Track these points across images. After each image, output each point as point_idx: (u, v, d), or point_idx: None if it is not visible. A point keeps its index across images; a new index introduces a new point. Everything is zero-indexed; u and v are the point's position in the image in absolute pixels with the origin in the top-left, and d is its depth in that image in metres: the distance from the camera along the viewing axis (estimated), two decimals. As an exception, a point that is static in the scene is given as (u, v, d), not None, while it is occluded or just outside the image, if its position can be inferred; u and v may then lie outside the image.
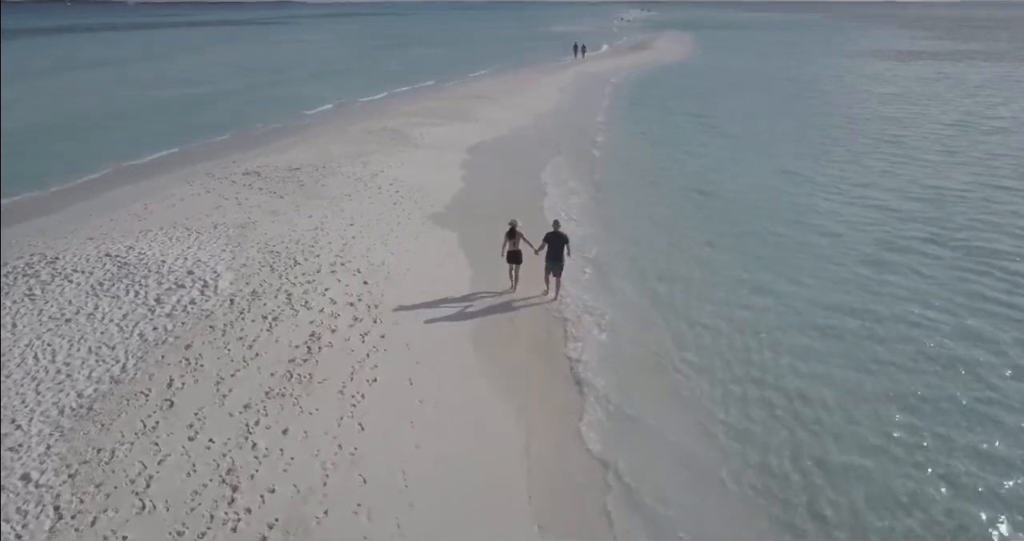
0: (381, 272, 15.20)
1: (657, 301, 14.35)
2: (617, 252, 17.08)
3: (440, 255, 16.51)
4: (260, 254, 15.82)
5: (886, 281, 15.09)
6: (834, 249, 16.93)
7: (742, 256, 16.63)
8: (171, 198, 20.28)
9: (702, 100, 41.53)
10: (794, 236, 17.85)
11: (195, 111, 38.15)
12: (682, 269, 15.96)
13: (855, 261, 16.16)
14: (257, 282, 14.31)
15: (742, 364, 11.93)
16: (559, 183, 22.81)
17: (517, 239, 14.10)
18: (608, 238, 18.04)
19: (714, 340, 12.76)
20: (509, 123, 32.95)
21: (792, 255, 16.60)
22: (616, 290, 14.93)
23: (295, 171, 23.11)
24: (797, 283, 15.02)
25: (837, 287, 14.81)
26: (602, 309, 13.93)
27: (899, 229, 18.30)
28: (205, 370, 11.14)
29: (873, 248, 16.99)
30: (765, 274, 15.54)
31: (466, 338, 12.71)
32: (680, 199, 21.36)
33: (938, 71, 56.42)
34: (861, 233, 18.02)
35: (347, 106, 40.49)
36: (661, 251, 17.08)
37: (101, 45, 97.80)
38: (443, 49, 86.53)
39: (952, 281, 15.09)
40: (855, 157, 26.14)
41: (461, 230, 18.17)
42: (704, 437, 10.11)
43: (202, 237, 16.78)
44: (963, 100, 40.90)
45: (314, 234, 17.26)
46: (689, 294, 14.67)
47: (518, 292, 14.54)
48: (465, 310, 13.86)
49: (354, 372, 11.30)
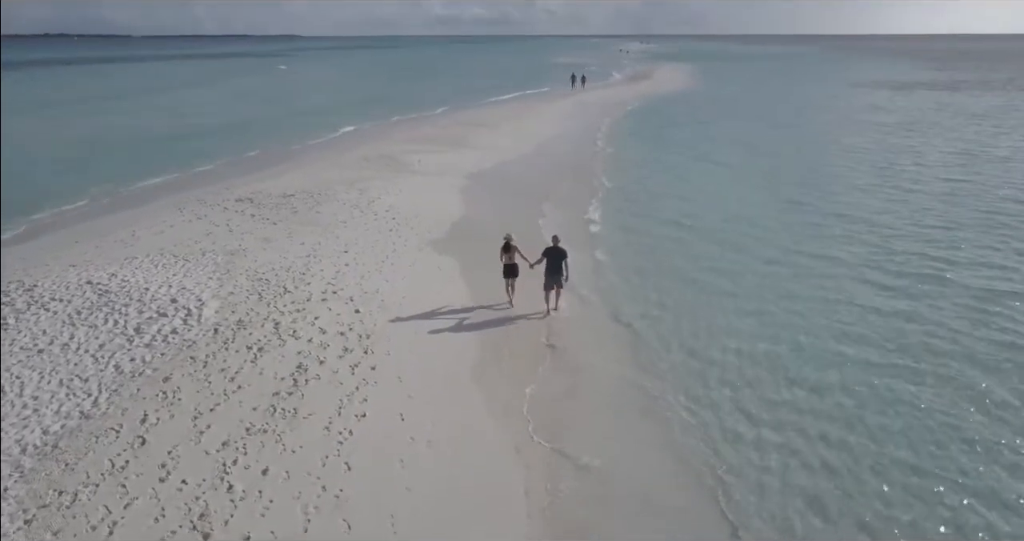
0: (374, 300, 14.55)
1: (657, 329, 13.69)
2: (616, 280, 16.46)
3: (436, 282, 15.89)
4: (249, 282, 15.18)
5: (888, 313, 14.38)
6: (838, 282, 16.07)
7: (736, 284, 16.00)
8: (160, 225, 19.70)
9: (701, 130, 41.21)
10: (796, 267, 17.07)
11: (192, 140, 37.78)
12: (676, 297, 15.34)
13: (860, 293, 15.39)
14: (244, 311, 13.64)
15: (740, 391, 11.25)
16: (559, 210, 22.26)
17: (512, 253, 14.35)
18: (609, 265, 17.44)
19: (718, 375, 12.09)
20: (507, 151, 32.57)
21: (798, 287, 15.78)
22: (615, 317, 14.30)
23: (289, 198, 22.60)
24: (801, 315, 14.27)
25: (841, 324, 13.95)
26: (601, 338, 13.28)
27: (902, 260, 17.49)
28: (182, 404, 10.42)
29: (876, 277, 16.28)
30: (760, 302, 14.96)
31: (462, 369, 12.02)
32: (676, 229, 20.43)
33: (937, 101, 56.41)
34: (865, 265, 17.17)
35: (344, 134, 40.16)
36: (660, 279, 16.40)
37: (106, 77, 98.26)
38: (442, 80, 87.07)
39: (960, 317, 14.18)
40: (857, 187, 25.46)
41: (459, 256, 17.59)
42: (703, 462, 9.41)
43: (189, 264, 16.16)
44: (964, 129, 40.57)
45: (306, 261, 16.65)
46: (688, 323, 14.03)
47: (516, 308, 14.57)
48: (462, 338, 13.21)
49: (342, 406, 10.58)
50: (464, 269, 16.75)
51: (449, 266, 16.98)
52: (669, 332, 13.57)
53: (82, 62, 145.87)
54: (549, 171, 28.37)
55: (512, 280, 14.54)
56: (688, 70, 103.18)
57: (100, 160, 31.91)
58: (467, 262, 17.13)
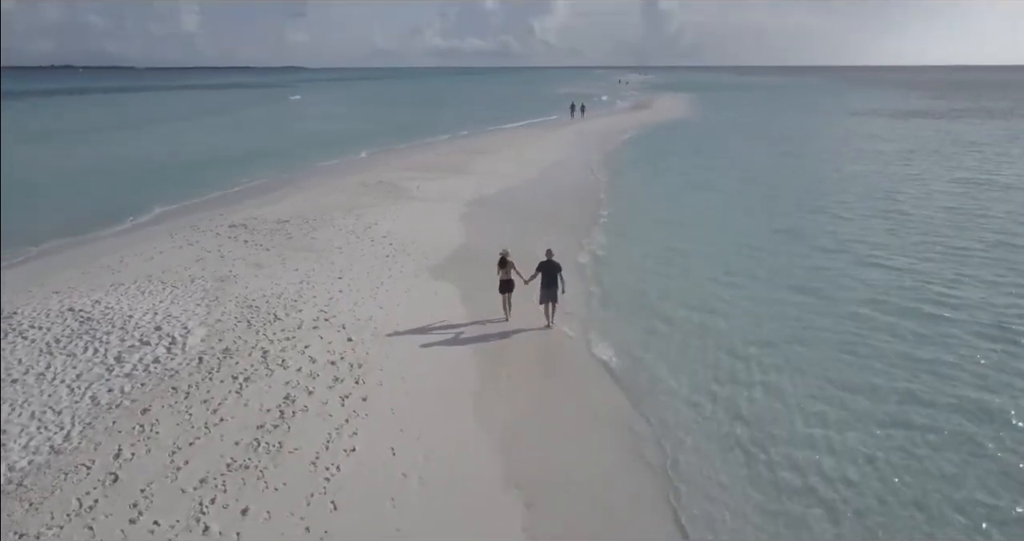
0: (368, 327, 13.99)
1: (651, 361, 13.09)
2: (613, 308, 15.87)
3: (432, 307, 15.33)
4: (238, 309, 14.64)
5: (890, 345, 13.73)
6: (837, 315, 15.21)
7: (731, 315, 15.31)
8: (150, 251, 19.21)
9: (700, 157, 40.88)
10: (799, 298, 16.35)
11: (189, 168, 37.49)
12: (673, 327, 14.69)
13: (862, 327, 14.57)
14: (231, 339, 13.07)
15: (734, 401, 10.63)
16: (558, 236, 21.68)
17: (508, 268, 14.50)
18: (604, 294, 16.89)
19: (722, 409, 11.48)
20: (508, 178, 32.22)
21: (796, 317, 15.14)
22: (610, 345, 13.72)
23: (284, 223, 22.16)
24: (798, 345, 13.65)
25: (843, 365, 13.08)
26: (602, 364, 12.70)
27: (903, 291, 16.64)
28: (160, 438, 9.80)
29: (877, 309, 15.50)
30: (756, 331, 14.39)
31: (458, 400, 11.40)
32: (675, 256, 19.90)
33: (937, 129, 56.38)
34: (865, 296, 16.39)
35: (344, 161, 39.87)
36: (656, 309, 15.73)
37: (111, 107, 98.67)
38: (443, 109, 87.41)
39: (967, 352, 13.37)
40: (857, 215, 24.78)
41: (456, 281, 17.09)
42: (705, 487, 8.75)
43: (177, 291, 15.62)
44: (965, 157, 40.28)
45: (298, 288, 16.12)
46: (683, 355, 13.45)
47: (512, 323, 14.60)
48: (457, 365, 12.62)
49: (330, 440, 9.96)
50: (462, 294, 16.26)
51: (446, 292, 16.46)
52: (664, 365, 12.91)
53: (88, 92, 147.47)
54: (549, 198, 27.97)
55: (508, 295, 14.68)
56: (686, 99, 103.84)
57: (99, 189, 31.54)
58: (465, 287, 16.65)
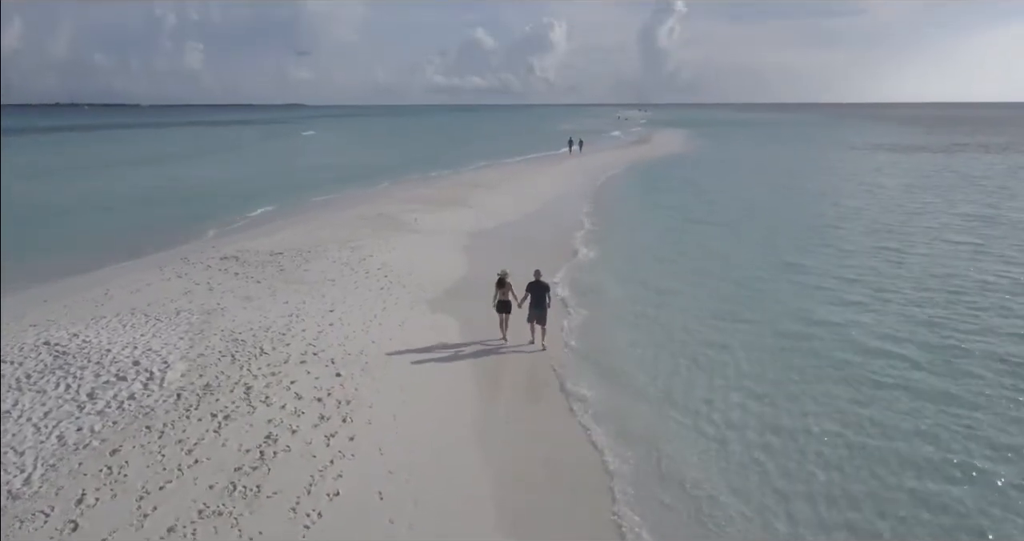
0: (358, 362, 13.31)
1: (648, 399, 12.40)
2: (610, 345, 15.20)
3: (426, 341, 14.67)
4: (223, 342, 13.98)
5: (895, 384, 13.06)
6: (839, 354, 14.35)
7: (728, 355, 14.42)
8: (137, 283, 18.61)
9: (700, 192, 40.25)
10: (802, 335, 15.57)
11: (187, 202, 37.19)
12: (669, 362, 13.97)
13: (867, 367, 13.87)
14: (213, 374, 12.39)
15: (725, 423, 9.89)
16: (554, 271, 21.10)
17: (506, 289, 14.70)
18: (602, 329, 16.26)
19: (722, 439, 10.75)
20: (505, 211, 31.83)
21: (798, 356, 14.32)
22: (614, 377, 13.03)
23: (277, 255, 21.61)
24: (797, 386, 12.87)
25: (846, 408, 12.31)
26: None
27: (909, 328, 15.82)
28: (128, 481, 9.06)
29: (882, 347, 14.77)
30: (758, 366, 13.70)
31: (452, 439, 10.68)
32: (675, 289, 19.25)
33: (936, 163, 56.24)
34: (869, 334, 15.67)
35: (341, 194, 39.52)
36: (653, 345, 14.99)
37: (116, 144, 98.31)
38: (444, 144, 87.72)
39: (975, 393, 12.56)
40: (860, 250, 23.89)
41: (452, 313, 16.52)
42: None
43: (160, 324, 14.98)
44: (968, 189, 40.03)
45: (287, 321, 15.48)
46: (679, 390, 12.75)
47: (509, 344, 14.77)
48: (452, 402, 11.92)
49: (312, 484, 9.22)
50: (458, 326, 15.67)
51: (442, 324, 15.84)
52: (660, 406, 12.18)
53: (95, 128, 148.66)
54: (547, 231, 27.39)
55: (506, 316, 14.88)
56: (685, 135, 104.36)
57: (97, 222, 31.12)
58: (461, 319, 16.08)
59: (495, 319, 15.14)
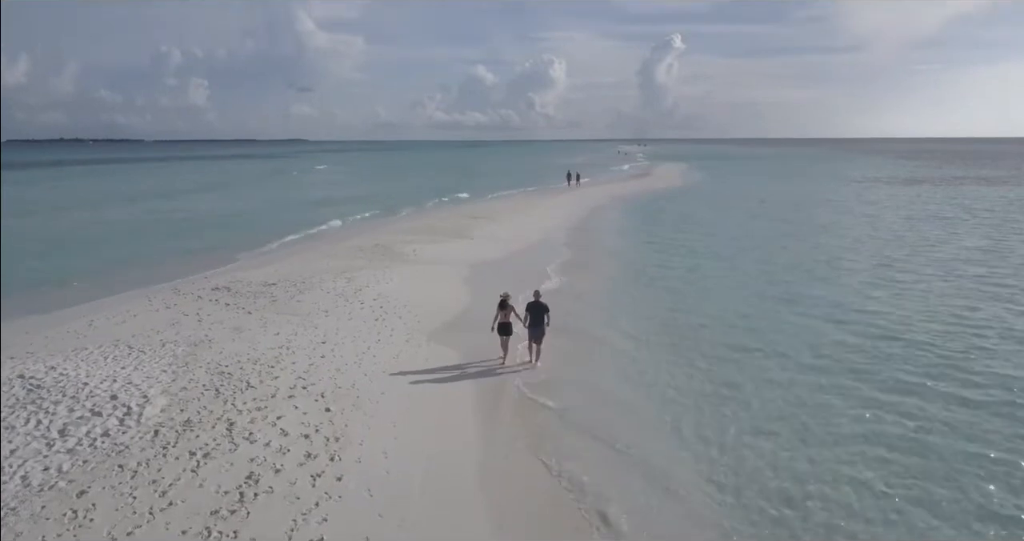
0: (349, 397, 12.63)
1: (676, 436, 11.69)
2: (608, 377, 14.58)
3: (420, 374, 14.01)
4: (208, 376, 13.32)
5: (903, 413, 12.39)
6: (843, 394, 13.76)
7: (730, 391, 13.92)
8: (123, 314, 18.00)
9: (700, 224, 39.72)
10: (808, 368, 15.01)
11: (184, 233, 36.72)
12: (668, 404, 13.27)
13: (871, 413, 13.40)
14: (195, 409, 11.71)
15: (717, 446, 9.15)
16: (555, 305, 20.44)
17: (508, 311, 14.76)
18: (601, 361, 15.60)
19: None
20: (504, 242, 31.32)
21: (801, 391, 13.69)
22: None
23: (270, 286, 21.04)
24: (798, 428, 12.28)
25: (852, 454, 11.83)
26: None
27: (916, 365, 15.07)
28: (93, 526, 8.34)
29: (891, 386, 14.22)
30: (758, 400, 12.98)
31: (447, 479, 9.94)
32: (679, 323, 18.67)
33: (944, 195, 55.94)
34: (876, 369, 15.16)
35: (339, 225, 39.04)
36: (664, 371, 14.47)
37: (120, 178, 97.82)
38: (444, 177, 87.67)
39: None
40: (866, 283, 23.10)
41: (449, 345, 15.88)
42: None
43: (144, 356, 14.34)
44: (972, 219, 39.64)
45: (277, 353, 14.84)
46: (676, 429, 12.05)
47: (508, 367, 14.67)
48: (447, 438, 11.21)
49: (294, 529, 8.49)
50: (454, 358, 15.00)
51: (438, 356, 15.19)
52: (661, 449, 11.55)
53: (100, 162, 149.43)
54: (547, 262, 26.82)
55: (507, 338, 14.88)
56: (685, 168, 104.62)
57: (84, 252, 30.56)
58: (458, 352, 15.43)
59: (493, 351, 14.98)
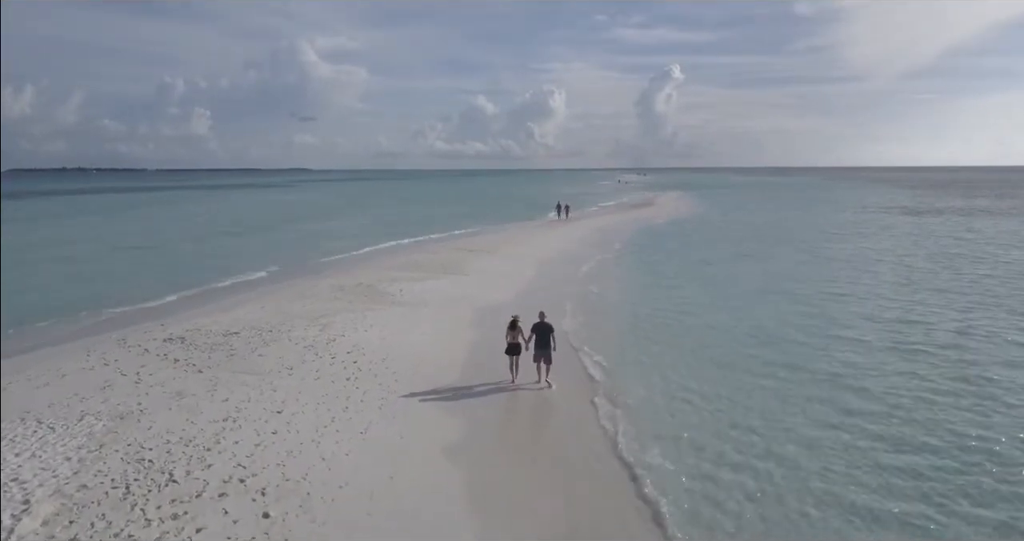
0: (296, 495, 9.96)
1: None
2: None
3: (392, 455, 11.36)
4: (122, 465, 10.67)
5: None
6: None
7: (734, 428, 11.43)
8: (50, 373, 15.35)
9: (708, 258, 36.63)
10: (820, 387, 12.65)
11: (152, 267, 34.24)
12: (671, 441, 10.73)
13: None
14: (89, 520, 9.03)
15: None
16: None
17: (517, 332, 15.06)
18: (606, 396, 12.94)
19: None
20: (498, 278, 28.79)
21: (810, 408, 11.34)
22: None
23: (231, 336, 18.45)
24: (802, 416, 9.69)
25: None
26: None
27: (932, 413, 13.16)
28: None
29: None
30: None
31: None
32: (684, 358, 16.34)
33: (956, 222, 53.74)
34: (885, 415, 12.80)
35: (322, 260, 36.38)
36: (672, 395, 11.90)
37: (123, 207, 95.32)
38: (435, 207, 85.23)
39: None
40: (894, 319, 21.12)
41: (430, 415, 13.26)
42: None
43: (52, 435, 11.70)
44: (984, 246, 38.30)
45: (219, 429, 12.20)
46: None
47: (515, 385, 14.90)
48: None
49: None
50: (434, 435, 12.33)
51: (414, 431, 12.51)
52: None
53: (101, 191, 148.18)
54: (546, 299, 24.11)
55: (516, 358, 15.17)
56: (686, 198, 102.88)
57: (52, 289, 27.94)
58: (441, 426, 12.79)
59: (492, 421, 13.49)
